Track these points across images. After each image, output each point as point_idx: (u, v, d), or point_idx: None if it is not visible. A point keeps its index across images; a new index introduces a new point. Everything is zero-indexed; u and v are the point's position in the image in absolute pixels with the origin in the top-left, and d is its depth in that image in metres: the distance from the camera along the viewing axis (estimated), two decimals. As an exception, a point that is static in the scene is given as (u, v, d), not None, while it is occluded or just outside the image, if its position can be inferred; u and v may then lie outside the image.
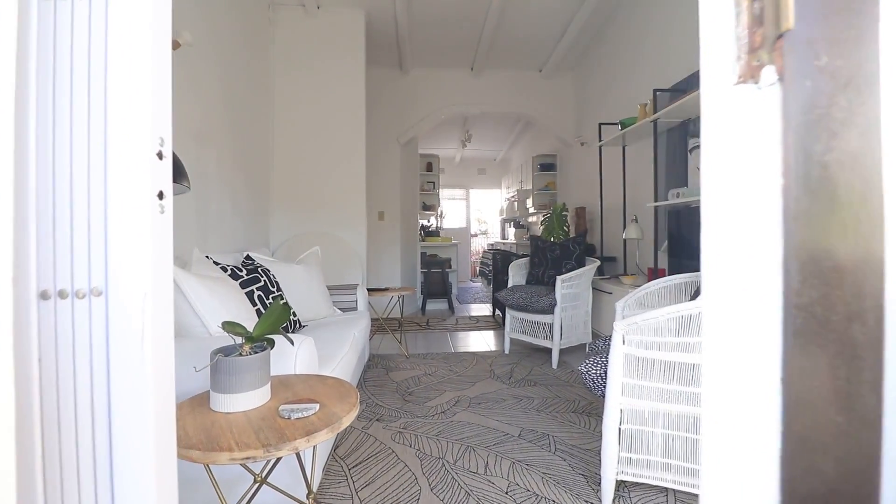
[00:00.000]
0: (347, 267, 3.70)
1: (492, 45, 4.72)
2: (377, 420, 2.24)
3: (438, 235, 6.43)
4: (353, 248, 3.80)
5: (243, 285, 2.09)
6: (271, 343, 1.25)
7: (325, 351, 1.93)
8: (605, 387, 1.52)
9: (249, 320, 1.80)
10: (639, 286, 3.14)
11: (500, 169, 10.05)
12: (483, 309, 5.75)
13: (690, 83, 3.00)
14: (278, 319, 1.20)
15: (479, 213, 10.79)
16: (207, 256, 2.11)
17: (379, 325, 4.07)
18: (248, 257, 2.52)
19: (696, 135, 2.98)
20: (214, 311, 1.65)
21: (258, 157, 3.45)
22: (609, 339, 1.91)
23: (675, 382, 1.42)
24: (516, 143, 8.56)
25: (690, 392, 1.41)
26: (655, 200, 3.03)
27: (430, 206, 6.84)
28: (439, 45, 4.71)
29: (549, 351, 3.47)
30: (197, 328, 1.62)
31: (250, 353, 1.17)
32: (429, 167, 6.62)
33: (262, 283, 2.21)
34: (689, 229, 2.81)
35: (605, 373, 1.52)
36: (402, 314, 3.76)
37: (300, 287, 2.65)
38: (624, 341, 1.46)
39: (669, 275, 3.01)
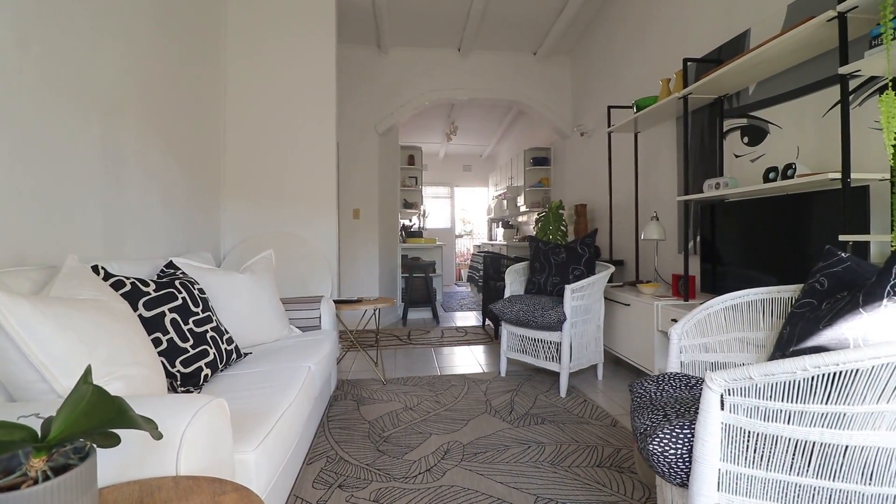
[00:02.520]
0: (314, 274, 3.09)
1: (481, 23, 4.17)
2: (339, 487, 1.64)
3: (421, 236, 5.85)
4: (321, 251, 3.19)
5: (148, 306, 1.48)
6: (96, 447, 0.66)
7: (257, 405, 1.33)
8: (688, 474, 0.96)
9: (142, 365, 1.19)
10: (662, 296, 2.62)
11: (486, 166, 9.52)
12: (470, 317, 5.19)
13: (727, 51, 2.49)
14: (90, 413, 0.61)
15: (464, 213, 10.25)
16: (99, 266, 1.49)
17: (351, 342, 3.46)
18: (170, 264, 1.90)
19: (735, 114, 2.47)
20: (69, 356, 1.03)
21: (204, 140, 2.81)
22: (664, 381, 1.36)
23: (813, 475, 0.87)
24: (505, 136, 8.03)
25: (838, 490, 0.87)
26: (685, 193, 2.51)
27: (412, 204, 6.25)
28: (422, 21, 4.14)
29: (554, 374, 2.93)
30: (35, 385, 1.01)
31: (44, 476, 0.57)
32: (411, 160, 6.02)
33: (180, 301, 1.60)
34: (730, 228, 2.30)
35: (689, 453, 0.97)
36: (378, 328, 3.16)
37: (242, 303, 2.03)
38: (724, 405, 0.91)
39: (703, 284, 2.50)
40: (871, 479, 0.86)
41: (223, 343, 1.72)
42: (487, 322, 4.73)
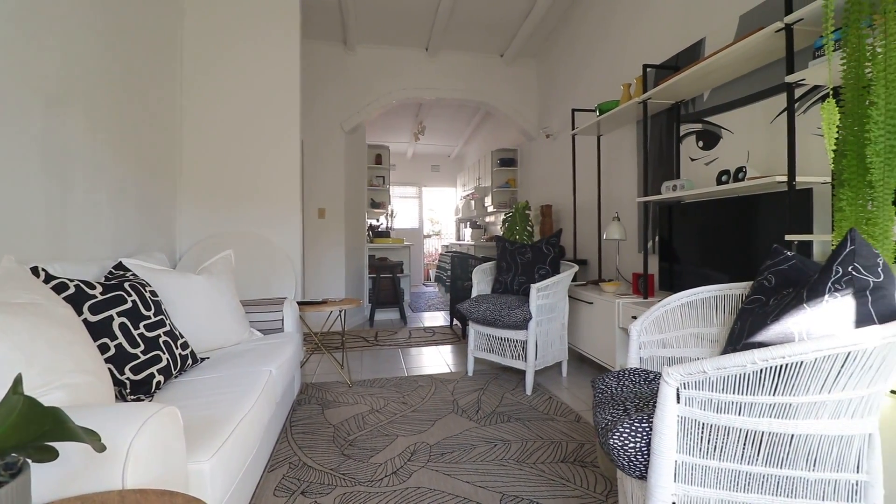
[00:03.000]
0: (277, 275, 2.99)
1: (449, 23, 4.17)
2: (302, 493, 1.60)
3: (389, 236, 5.79)
4: (284, 251, 3.10)
5: (94, 310, 1.39)
6: (30, 462, 0.61)
7: (214, 412, 1.27)
8: (647, 466, 0.99)
9: (87, 373, 1.12)
10: (623, 294, 2.70)
11: (454, 166, 9.55)
12: (438, 318, 5.19)
13: (684, 58, 2.60)
14: (21, 426, 0.56)
15: (432, 213, 10.24)
16: (39, 268, 1.39)
17: (316, 345, 3.38)
18: (119, 266, 1.79)
19: (691, 119, 2.58)
20: (1, 365, 0.95)
21: (159, 135, 2.67)
22: (624, 376, 1.39)
23: (763, 463, 0.91)
24: (473, 137, 8.08)
25: (784, 477, 0.91)
26: (645, 195, 2.59)
27: (379, 204, 6.18)
28: (390, 18, 4.10)
29: (520, 372, 2.96)
30: (-40, 397, 0.92)
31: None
32: (378, 159, 5.96)
33: (130, 305, 1.51)
34: (686, 228, 2.39)
35: (647, 446, 0.99)
36: (343, 329, 3.11)
37: (199, 306, 1.95)
38: (680, 398, 0.94)
39: (661, 282, 2.59)
40: (814, 466, 0.91)
41: (178, 348, 1.64)
42: (455, 322, 4.74)
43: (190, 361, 1.71)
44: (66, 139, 1.81)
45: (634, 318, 2.36)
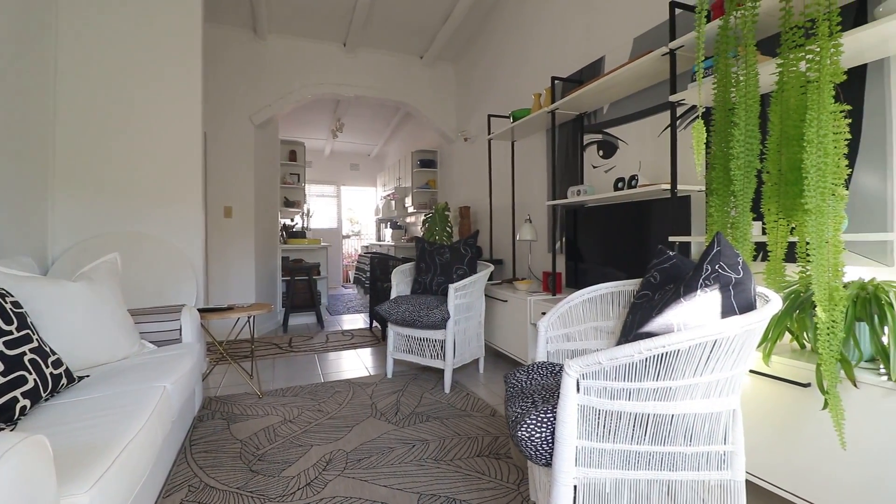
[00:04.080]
0: (174, 281, 2.73)
1: (368, 20, 4.11)
2: (204, 517, 1.47)
3: (305, 237, 5.55)
4: (183, 253, 2.84)
5: (-71, 325, 1.16)
6: None
7: (94, 437, 1.12)
8: (552, 454, 1.05)
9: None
10: (535, 292, 2.86)
11: (375, 165, 9.41)
12: (358, 320, 5.08)
13: (587, 73, 2.81)
14: None
15: (351, 213, 10.00)
16: None
17: (221, 355, 3.14)
18: (-33, 272, 1.51)
19: (593, 130, 2.80)
20: None
21: (23, 120, 2.29)
22: (533, 370, 1.47)
23: (649, 442, 1.02)
24: (394, 137, 8.03)
25: (667, 452, 1.02)
26: (553, 198, 2.77)
27: (294, 202, 5.89)
28: (304, 9, 3.93)
29: (439, 371, 3.00)
30: None
31: None
32: (292, 156, 5.67)
33: (-19, 317, 1.28)
34: (589, 230, 2.59)
35: (552, 435, 1.06)
36: (253, 337, 2.92)
37: (77, 317, 1.71)
38: (579, 388, 1.02)
39: (568, 279, 2.78)
40: (691, 441, 1.03)
41: (48, 366, 1.42)
42: (375, 324, 4.67)
43: (65, 381, 1.49)
44: None
45: (543, 314, 2.50)
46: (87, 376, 1.63)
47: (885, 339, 1.18)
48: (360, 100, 4.90)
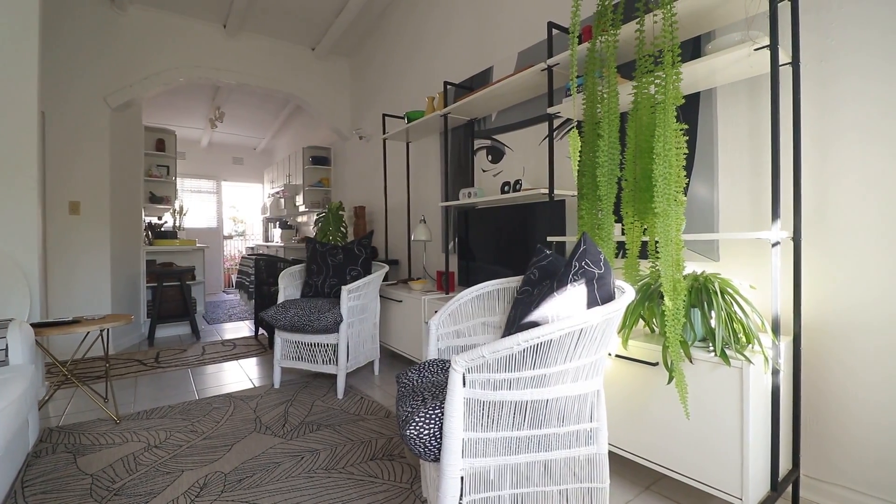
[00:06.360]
0: (-4, 288, 2.23)
1: (251, 2, 3.81)
2: (35, 572, 1.22)
3: (176, 237, 4.94)
4: (11, 257, 2.33)
5: None
6: None
7: None
8: (440, 449, 1.07)
9: None
10: (429, 291, 2.91)
11: (262, 160, 8.76)
12: (242, 328, 4.68)
13: (478, 81, 2.93)
14: None
15: (234, 211, 9.19)
16: None
17: (64, 376, 2.65)
18: None
19: (483, 136, 2.93)
20: None
21: None
22: (425, 368, 1.49)
23: (528, 427, 1.09)
24: (283, 131, 7.56)
25: (543, 435, 1.10)
26: (446, 200, 2.84)
27: (162, 198, 5.21)
28: (173, -19, 3.50)
29: (332, 377, 2.90)
30: None
31: None
32: (160, 145, 5.00)
33: None
34: (479, 231, 2.70)
35: (440, 431, 1.07)
36: (107, 353, 2.51)
37: None
38: (466, 382, 1.05)
39: (460, 278, 2.87)
40: (563, 422, 1.12)
41: None
42: (261, 331, 4.35)
43: None
44: None
45: (437, 312, 2.55)
46: None
47: (712, 322, 1.41)
48: (243, 88, 4.53)
